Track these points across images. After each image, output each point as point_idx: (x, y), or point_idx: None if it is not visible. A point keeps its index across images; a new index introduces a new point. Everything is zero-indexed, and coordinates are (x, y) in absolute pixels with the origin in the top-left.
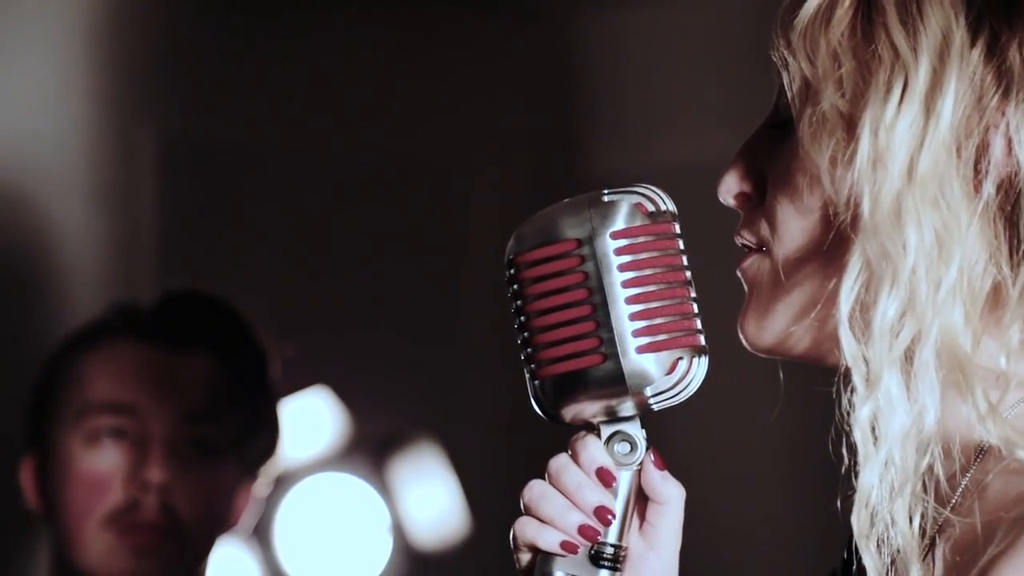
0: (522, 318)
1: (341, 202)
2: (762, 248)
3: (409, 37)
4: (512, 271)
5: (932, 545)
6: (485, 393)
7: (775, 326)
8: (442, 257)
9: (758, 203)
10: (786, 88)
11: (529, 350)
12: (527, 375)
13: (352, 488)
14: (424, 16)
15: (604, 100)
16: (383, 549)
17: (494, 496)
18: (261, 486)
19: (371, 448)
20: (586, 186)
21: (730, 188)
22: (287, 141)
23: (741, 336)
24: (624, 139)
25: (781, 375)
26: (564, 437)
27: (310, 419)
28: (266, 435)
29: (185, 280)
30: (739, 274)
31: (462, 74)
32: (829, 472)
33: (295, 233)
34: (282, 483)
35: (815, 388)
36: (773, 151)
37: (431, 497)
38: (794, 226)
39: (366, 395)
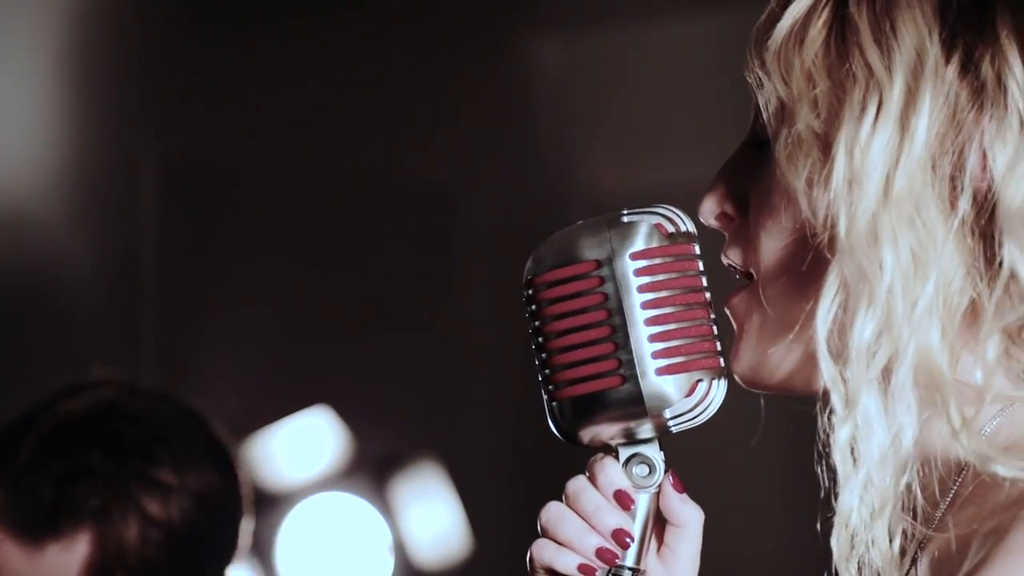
0: (540, 339)
1: (339, 220)
2: (749, 274)
3: (403, 56)
4: (530, 292)
5: (913, 563)
6: (485, 413)
7: (763, 359)
8: (439, 278)
9: (740, 224)
10: (761, 109)
11: (547, 371)
12: (545, 396)
13: (353, 508)
14: (419, 35)
15: (598, 117)
16: (385, 568)
17: (495, 515)
18: None
19: (372, 468)
20: (579, 202)
21: (711, 209)
22: (283, 159)
23: (735, 375)
24: (620, 157)
25: (762, 401)
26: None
27: (311, 439)
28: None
29: (182, 299)
30: (728, 311)
31: (457, 91)
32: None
33: (292, 251)
34: (283, 503)
35: (797, 408)
36: (752, 171)
37: (432, 516)
38: (773, 247)
39: (367, 415)
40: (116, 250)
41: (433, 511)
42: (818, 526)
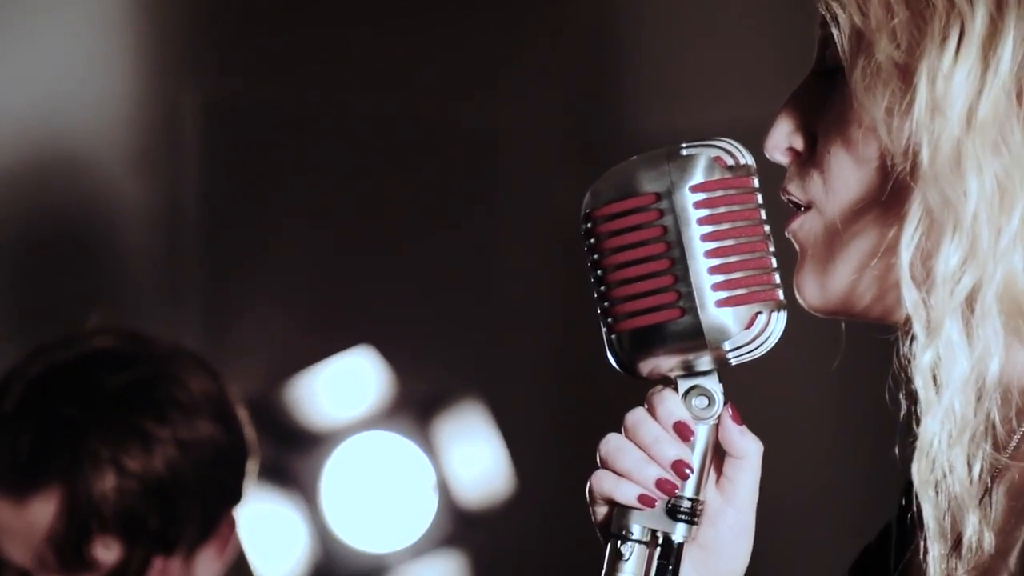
0: (599, 272)
1: (382, 164)
2: (810, 205)
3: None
4: (588, 225)
5: (988, 490)
6: (527, 351)
7: (836, 284)
8: (483, 219)
9: (807, 158)
10: (836, 40)
11: (606, 304)
12: (604, 329)
13: (397, 447)
14: None
15: (641, 58)
16: (428, 507)
17: (538, 454)
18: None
19: (415, 407)
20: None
21: (778, 144)
22: (328, 103)
23: (799, 298)
24: (662, 98)
25: (843, 326)
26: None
27: (355, 379)
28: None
29: (227, 242)
30: (789, 235)
31: (499, 33)
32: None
33: (336, 195)
34: (328, 443)
35: (875, 336)
36: (821, 104)
37: (475, 455)
38: (850, 178)
39: (410, 355)
40: (160, 193)
41: (476, 450)
42: (896, 451)
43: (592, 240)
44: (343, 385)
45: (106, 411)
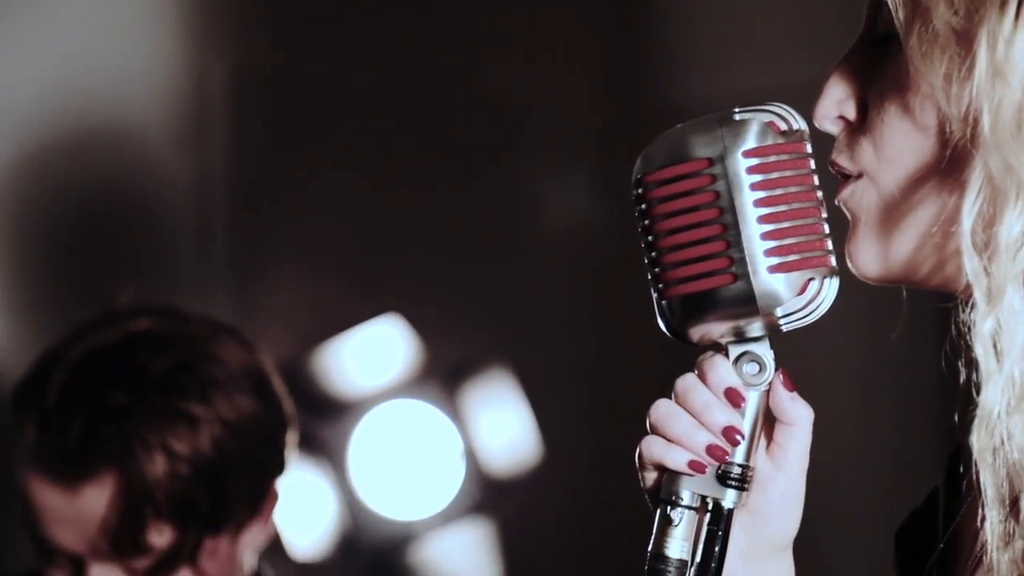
0: (650, 238)
1: (412, 132)
2: (861, 174)
3: None
4: (640, 191)
5: None
6: (556, 320)
7: (893, 253)
8: (512, 187)
9: (857, 127)
10: (890, 7)
11: (657, 270)
12: (654, 295)
13: (424, 415)
14: None
15: (679, 22)
16: (455, 475)
17: (566, 422)
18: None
19: (443, 375)
20: (656, 113)
21: (828, 112)
22: (356, 71)
23: (851, 266)
24: (701, 62)
25: (904, 293)
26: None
27: (382, 347)
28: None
29: (256, 210)
30: (840, 204)
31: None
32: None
33: (364, 162)
34: (355, 411)
35: (936, 305)
36: (873, 72)
37: (503, 423)
38: (905, 146)
39: (437, 323)
40: (189, 161)
41: (504, 418)
42: (956, 418)
43: (643, 206)
44: (371, 353)
45: (152, 396)
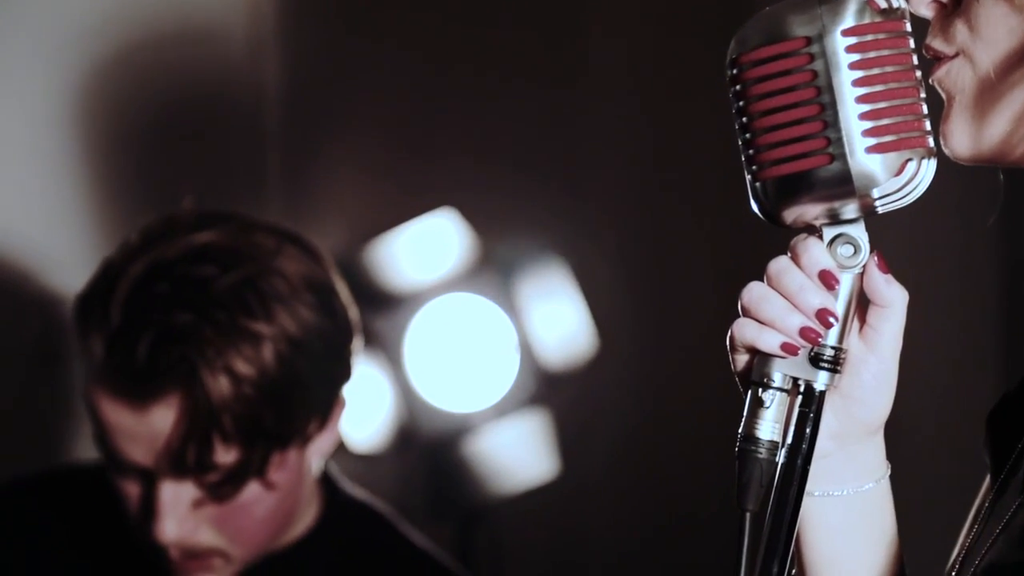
0: (744, 119)
1: (466, 27)
2: (956, 55)
3: None
4: (735, 71)
5: None
6: (611, 213)
7: (987, 133)
8: (569, 81)
9: (952, 9)
10: None
11: (751, 151)
12: (748, 176)
13: (479, 308)
14: None
15: None
16: (510, 368)
17: (620, 315)
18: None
19: (498, 268)
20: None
21: None
22: None
23: (945, 147)
24: None
25: (1001, 177)
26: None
27: (437, 241)
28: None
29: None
30: (934, 84)
31: None
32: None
33: (417, 59)
34: (411, 304)
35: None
36: None
37: (557, 316)
38: (1001, 26)
39: (492, 216)
40: (242, 61)
41: (558, 311)
42: None
43: (738, 87)
44: (425, 247)
45: (216, 314)
